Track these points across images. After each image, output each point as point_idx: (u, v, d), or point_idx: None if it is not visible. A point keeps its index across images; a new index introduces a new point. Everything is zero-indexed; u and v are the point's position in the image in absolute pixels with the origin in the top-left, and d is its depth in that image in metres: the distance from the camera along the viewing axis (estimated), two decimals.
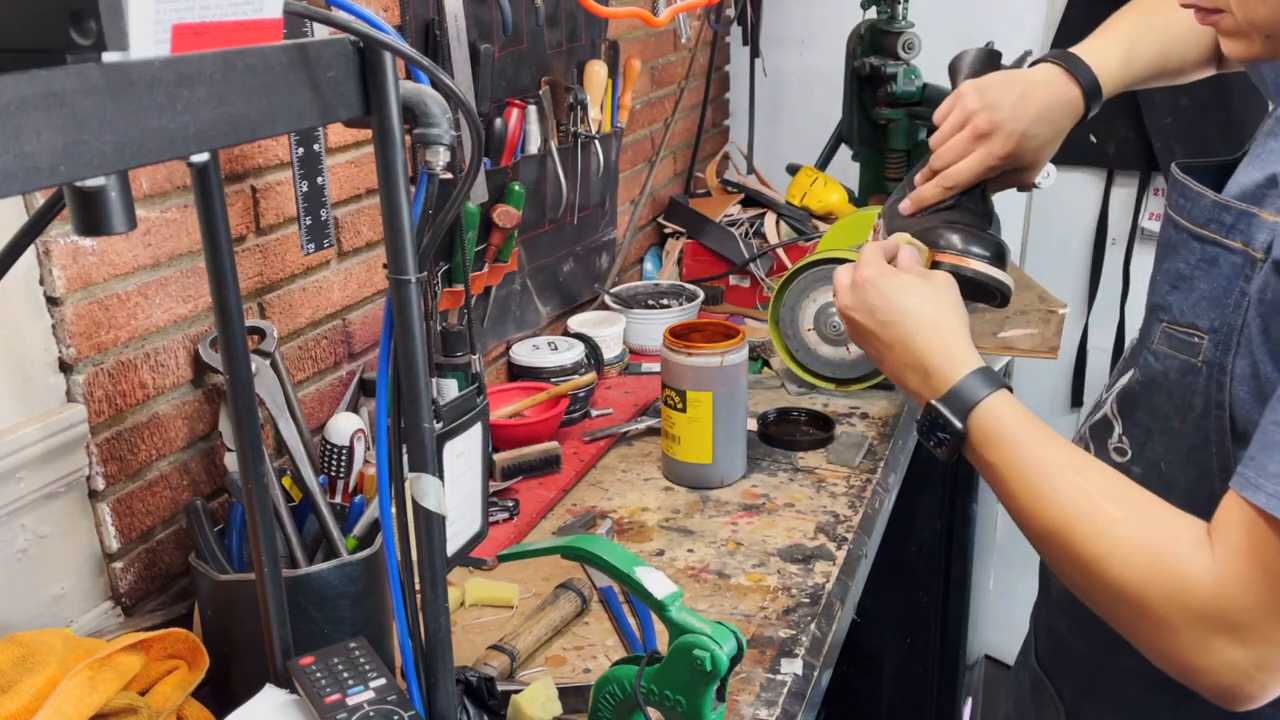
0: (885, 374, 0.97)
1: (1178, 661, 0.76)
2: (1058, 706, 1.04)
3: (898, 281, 0.94)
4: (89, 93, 0.46)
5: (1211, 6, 0.82)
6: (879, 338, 0.93)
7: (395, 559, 0.79)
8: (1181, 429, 0.86)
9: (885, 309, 0.93)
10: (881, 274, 0.94)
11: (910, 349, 0.91)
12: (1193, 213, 0.84)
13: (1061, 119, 1.08)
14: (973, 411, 0.86)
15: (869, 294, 0.94)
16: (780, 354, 1.68)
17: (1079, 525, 0.79)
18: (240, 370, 0.74)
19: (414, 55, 0.65)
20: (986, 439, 0.85)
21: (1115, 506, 0.78)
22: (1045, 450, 0.83)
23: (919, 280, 0.94)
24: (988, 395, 0.86)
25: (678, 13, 1.83)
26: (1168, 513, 0.78)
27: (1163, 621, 0.74)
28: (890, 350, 0.93)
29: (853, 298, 0.95)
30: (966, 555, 1.95)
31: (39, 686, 0.78)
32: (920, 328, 0.91)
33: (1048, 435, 0.84)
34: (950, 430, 0.86)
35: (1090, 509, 0.79)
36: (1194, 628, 0.73)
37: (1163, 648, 0.76)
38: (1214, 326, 0.82)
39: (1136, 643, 0.79)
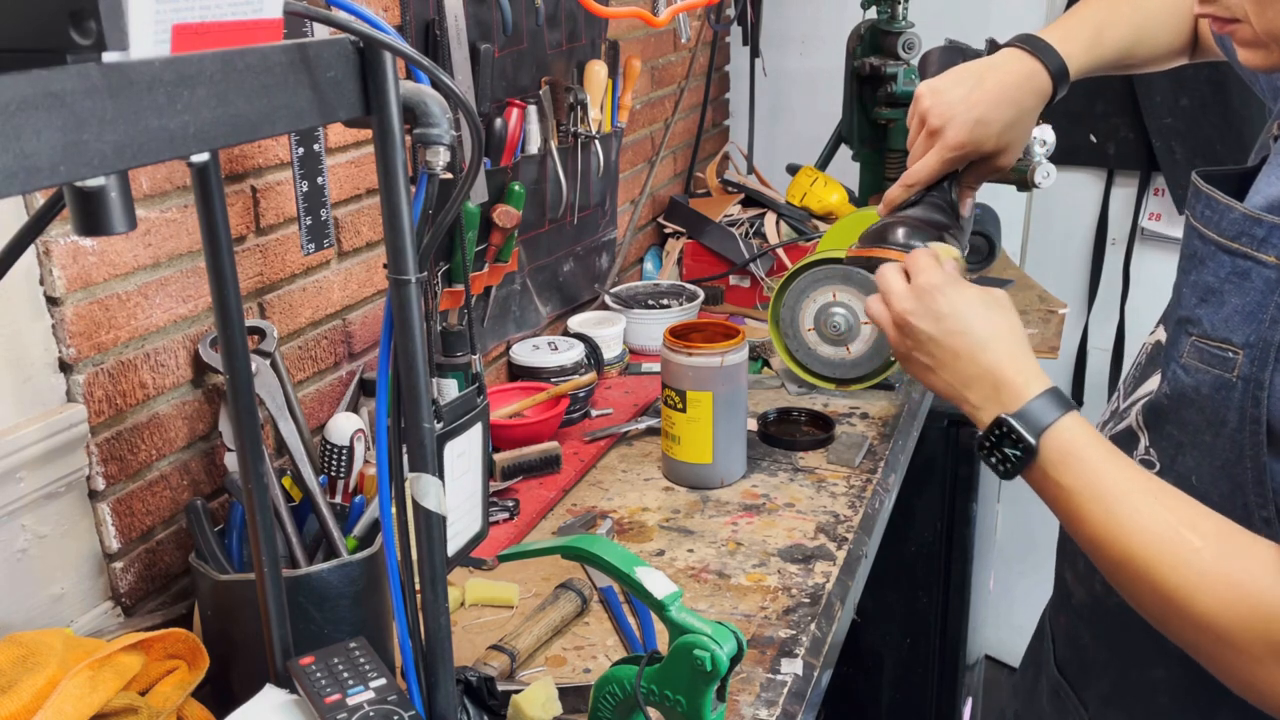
0: (934, 386, 0.92)
1: (1262, 693, 0.75)
2: (1081, 715, 1.04)
3: (968, 293, 0.91)
4: (89, 93, 0.46)
5: (1229, 16, 0.82)
6: (940, 345, 0.90)
7: (395, 559, 0.79)
8: (1215, 443, 0.84)
9: (955, 317, 0.89)
10: (949, 281, 0.91)
11: (979, 361, 0.88)
12: (1221, 225, 0.82)
13: (1024, 98, 1.06)
14: (1047, 430, 0.83)
15: (936, 300, 0.90)
16: (780, 354, 1.68)
17: (1160, 555, 0.77)
18: (240, 370, 0.74)
19: (414, 55, 0.65)
20: (1060, 459, 0.83)
21: (1196, 536, 0.76)
22: (1120, 474, 0.81)
23: (985, 294, 0.91)
24: (1062, 414, 0.84)
25: (678, 13, 1.83)
26: (1249, 540, 0.76)
27: (1246, 653, 0.73)
28: (955, 360, 0.89)
29: (915, 303, 0.91)
30: (966, 555, 1.95)
31: (39, 686, 0.78)
32: (995, 340, 0.88)
33: (1122, 459, 0.82)
34: (1023, 446, 0.83)
35: (1171, 538, 0.77)
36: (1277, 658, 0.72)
37: (1246, 679, 0.75)
38: (1249, 342, 0.80)
39: (1217, 672, 0.78)
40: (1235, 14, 0.81)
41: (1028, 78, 1.06)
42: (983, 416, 0.87)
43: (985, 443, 0.86)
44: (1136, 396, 0.98)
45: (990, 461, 0.86)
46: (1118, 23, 1.10)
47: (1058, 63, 1.06)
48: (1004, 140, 1.06)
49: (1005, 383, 0.86)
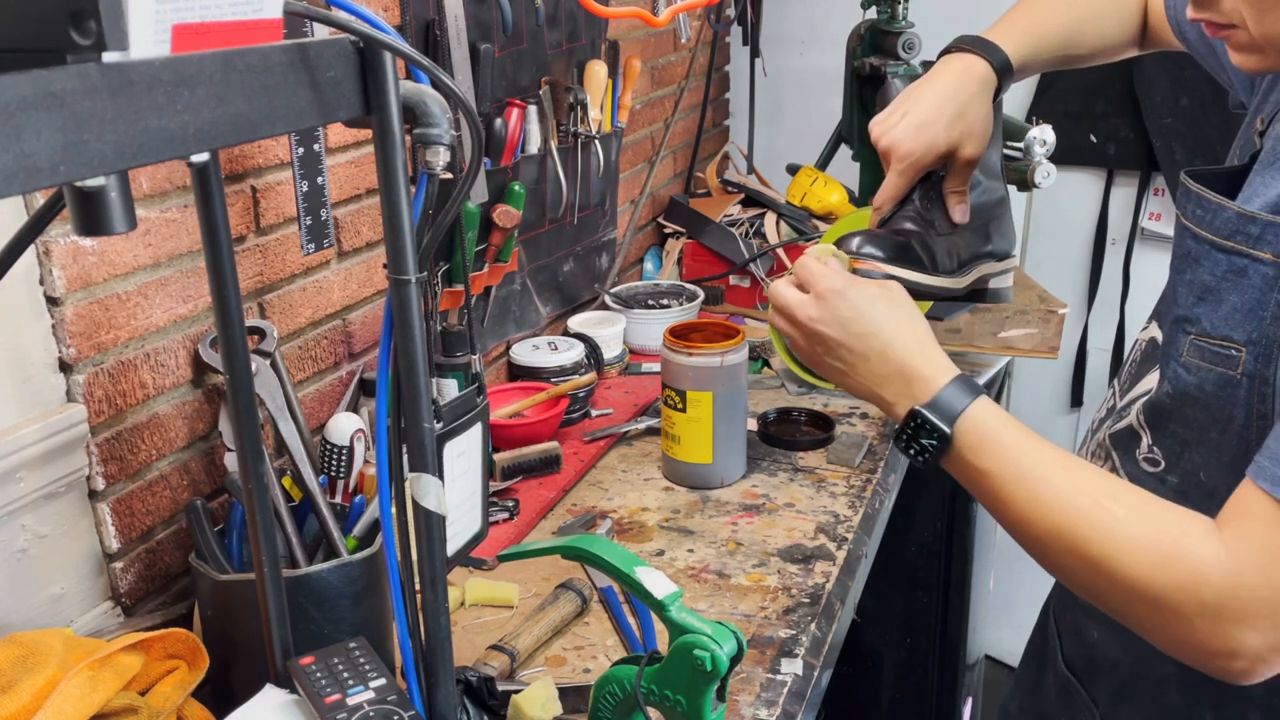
0: (849, 387, 0.94)
1: (1193, 650, 0.77)
2: (1091, 711, 1.04)
3: (868, 292, 0.92)
4: (89, 93, 0.46)
5: (1224, 22, 0.82)
6: (850, 350, 0.91)
7: (395, 559, 0.79)
8: (1221, 440, 0.85)
9: (859, 320, 0.91)
10: (848, 284, 0.92)
11: (889, 359, 0.90)
12: (1214, 224, 0.83)
13: (962, 89, 1.08)
14: (960, 416, 0.85)
15: (839, 306, 0.91)
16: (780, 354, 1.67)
17: (1085, 526, 0.79)
18: (240, 370, 0.74)
19: (414, 55, 0.65)
20: (977, 444, 0.85)
21: (1118, 505, 0.78)
22: (1038, 453, 0.83)
23: (882, 290, 0.93)
24: (973, 400, 0.86)
25: (678, 13, 1.83)
26: (1168, 508, 0.78)
27: (1177, 613, 0.75)
28: (865, 362, 0.91)
29: (819, 310, 0.92)
30: (966, 555, 1.95)
31: (39, 686, 0.78)
32: (899, 336, 0.90)
33: (1035, 439, 0.84)
34: (938, 435, 0.85)
35: (1094, 509, 0.79)
36: (1208, 617, 0.74)
37: (1177, 638, 0.77)
38: (1252, 339, 0.81)
39: (1148, 635, 0.80)
40: (1231, 19, 0.81)
41: (963, 71, 1.08)
42: (898, 411, 0.89)
43: (903, 435, 0.88)
44: (1134, 395, 0.98)
45: (909, 453, 0.88)
46: (1053, 13, 1.14)
47: (992, 50, 1.08)
48: (956, 133, 1.07)
49: (916, 375, 0.88)
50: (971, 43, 1.10)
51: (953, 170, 1.10)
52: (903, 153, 1.07)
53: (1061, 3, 1.15)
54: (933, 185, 1.11)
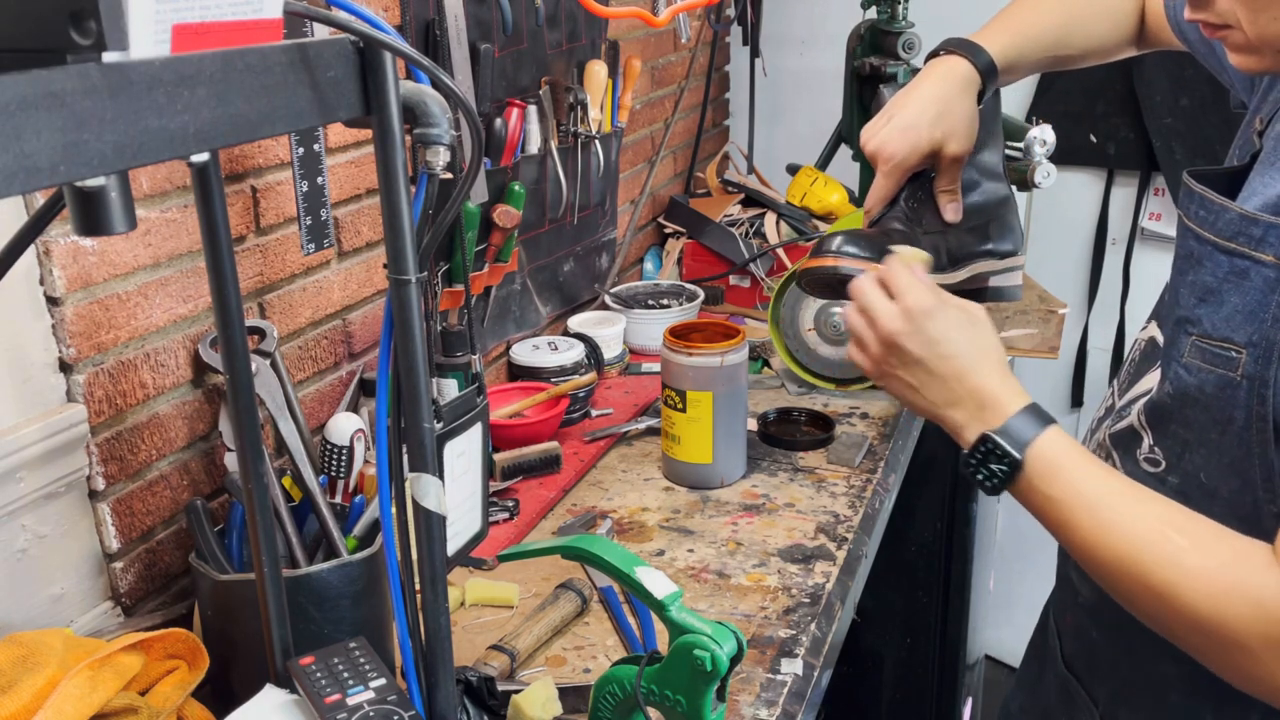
0: (917, 402, 0.94)
1: (1259, 683, 0.76)
2: (1091, 711, 1.04)
3: (954, 314, 0.93)
4: (89, 93, 0.46)
5: (1220, 22, 0.82)
6: (928, 369, 0.92)
7: (395, 559, 0.79)
8: (1222, 441, 0.86)
9: (945, 342, 0.91)
10: (939, 304, 0.93)
11: (965, 382, 0.90)
12: (1217, 225, 0.83)
13: (946, 89, 1.09)
14: (1031, 444, 0.85)
15: (927, 325, 0.91)
16: (780, 354, 1.68)
17: (1148, 554, 0.79)
18: (240, 370, 0.74)
19: (414, 55, 0.65)
20: (1046, 471, 0.85)
21: (1181, 535, 0.78)
22: (1105, 482, 0.83)
23: (967, 314, 0.94)
24: (1044, 429, 0.86)
25: (678, 13, 1.83)
26: (1233, 537, 0.78)
27: (1239, 646, 0.75)
28: (941, 383, 0.91)
29: (905, 324, 0.92)
30: (966, 555, 1.95)
31: (39, 686, 0.78)
32: (980, 363, 0.90)
33: (1105, 469, 0.85)
34: (1009, 461, 0.86)
35: (1158, 538, 0.79)
36: (1271, 650, 0.74)
37: (1242, 670, 0.77)
38: (1252, 340, 0.81)
39: (1213, 666, 0.79)
40: (1227, 20, 0.81)
41: (946, 73, 1.10)
42: (967, 435, 0.89)
43: (971, 460, 0.88)
44: (1135, 395, 0.98)
45: (977, 478, 0.88)
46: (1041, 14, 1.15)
47: (976, 50, 1.10)
48: (939, 132, 1.08)
49: (989, 402, 0.88)
50: (956, 45, 1.11)
51: (941, 169, 1.11)
52: (887, 155, 1.09)
53: (1052, 3, 1.16)
54: (921, 185, 1.13)
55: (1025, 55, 1.13)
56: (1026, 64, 1.14)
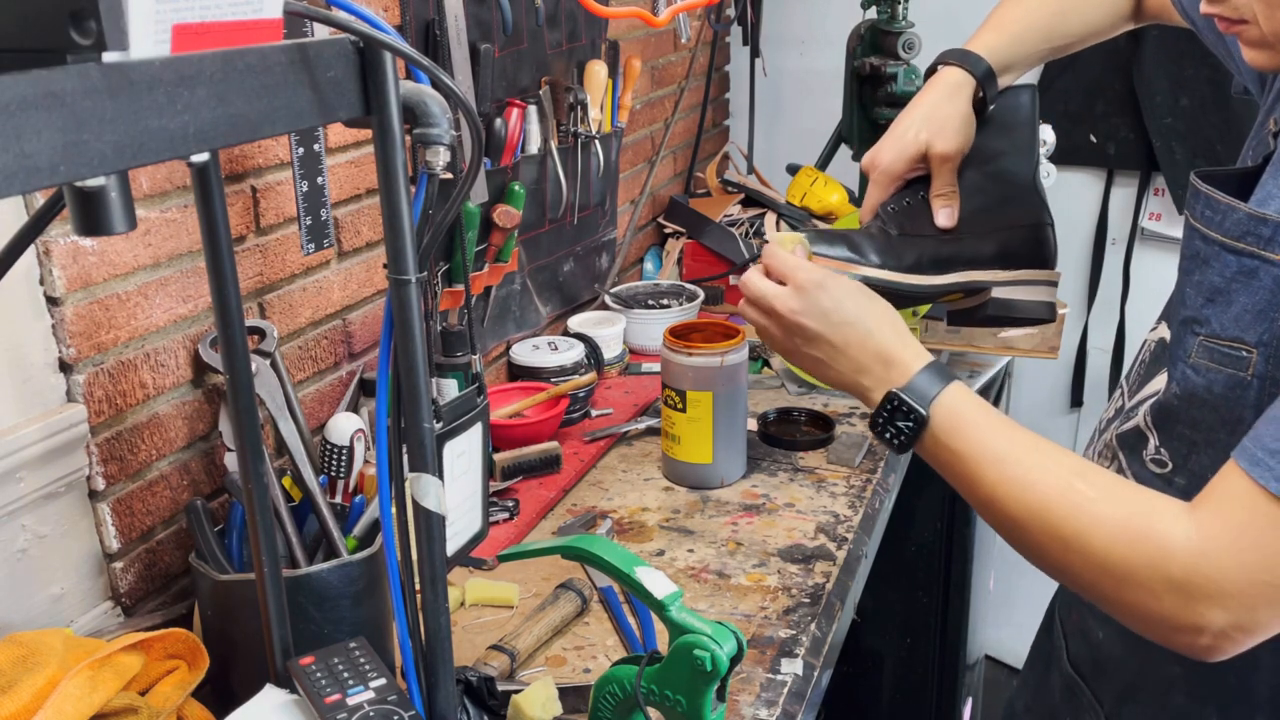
0: (826, 377, 0.96)
1: (1159, 626, 0.78)
2: (1096, 711, 1.04)
3: (844, 284, 0.95)
4: (89, 93, 0.46)
5: (1236, 17, 0.82)
6: (830, 341, 0.94)
7: (395, 559, 0.79)
8: (1230, 442, 0.85)
9: (839, 310, 0.93)
10: (826, 275, 0.95)
11: (868, 347, 0.92)
12: (1225, 225, 0.83)
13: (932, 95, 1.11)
14: (936, 398, 0.88)
15: (819, 297, 0.94)
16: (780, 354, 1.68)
17: (1055, 505, 0.81)
18: (240, 370, 0.74)
19: (414, 55, 0.65)
20: (950, 425, 0.87)
21: (1088, 485, 0.81)
22: (1010, 436, 0.85)
23: (850, 282, 0.97)
24: (947, 384, 0.89)
25: (678, 13, 1.83)
26: (1138, 489, 0.81)
27: (1145, 589, 0.77)
28: (845, 350, 0.94)
29: (800, 301, 0.94)
30: (966, 555, 1.95)
31: (39, 686, 0.78)
32: (879, 326, 0.93)
33: (1008, 423, 0.87)
34: (914, 417, 0.88)
35: (1064, 489, 0.81)
36: (1175, 594, 0.76)
37: (1144, 614, 0.79)
38: (1263, 340, 0.81)
39: (1116, 612, 0.81)
40: (1243, 15, 0.81)
41: (936, 81, 1.12)
42: (874, 396, 0.92)
43: (879, 419, 0.91)
44: (1143, 396, 0.98)
45: (885, 437, 0.90)
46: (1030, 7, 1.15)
47: (967, 56, 1.11)
48: (924, 134, 1.09)
49: (894, 361, 0.91)
50: (950, 55, 1.12)
51: (932, 172, 1.11)
52: (875, 163, 1.11)
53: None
54: (911, 192, 1.13)
55: (1020, 51, 1.13)
56: (1024, 59, 1.14)
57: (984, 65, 1.10)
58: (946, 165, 1.10)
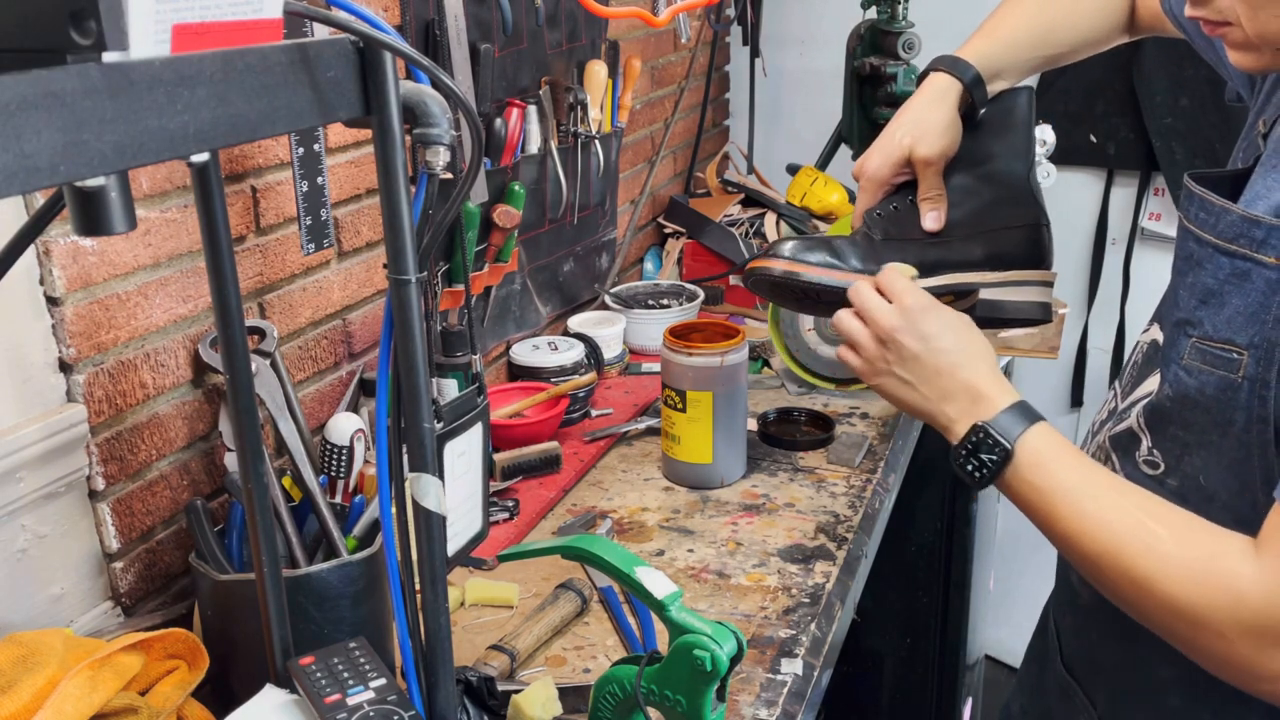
0: (907, 400, 0.97)
1: (1234, 671, 0.78)
2: (1090, 713, 1.04)
3: (947, 314, 0.97)
4: (89, 93, 0.46)
5: (1220, 20, 0.83)
6: (924, 364, 0.95)
7: (395, 559, 0.79)
8: (1222, 443, 0.86)
9: (939, 336, 0.95)
10: (933, 304, 0.97)
11: (958, 377, 0.94)
12: (1218, 227, 0.83)
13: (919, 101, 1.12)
14: (1022, 435, 0.88)
15: (923, 321, 0.96)
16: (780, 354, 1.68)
17: (1128, 544, 0.81)
18: (240, 370, 0.74)
19: (414, 55, 0.65)
20: (1034, 462, 0.88)
21: (1160, 525, 0.81)
22: (1089, 475, 0.86)
23: (959, 316, 0.98)
24: (1033, 423, 0.89)
25: (678, 13, 1.83)
26: (1210, 528, 0.80)
27: (1217, 633, 0.76)
28: (935, 377, 0.95)
29: (904, 320, 0.96)
30: (966, 555, 1.95)
31: (39, 686, 0.78)
32: (974, 358, 0.94)
33: (1089, 462, 0.87)
34: (999, 451, 0.89)
35: (1137, 528, 0.81)
36: (1248, 638, 0.75)
37: (1219, 658, 0.78)
38: (1254, 342, 0.82)
39: (1193, 655, 0.81)
40: (1227, 17, 0.81)
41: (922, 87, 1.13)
42: (959, 428, 0.93)
43: (962, 451, 0.92)
44: (1136, 397, 0.98)
45: (966, 469, 0.91)
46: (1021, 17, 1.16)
47: (956, 63, 1.11)
48: (908, 139, 1.10)
49: (982, 396, 0.92)
50: (939, 62, 1.13)
51: (918, 176, 1.12)
52: (862, 170, 1.13)
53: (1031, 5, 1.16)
54: (899, 197, 1.13)
55: (1011, 58, 1.14)
56: (1014, 66, 1.14)
57: (972, 72, 1.10)
58: (930, 169, 1.10)
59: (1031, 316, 1.13)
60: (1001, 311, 1.12)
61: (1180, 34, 1.11)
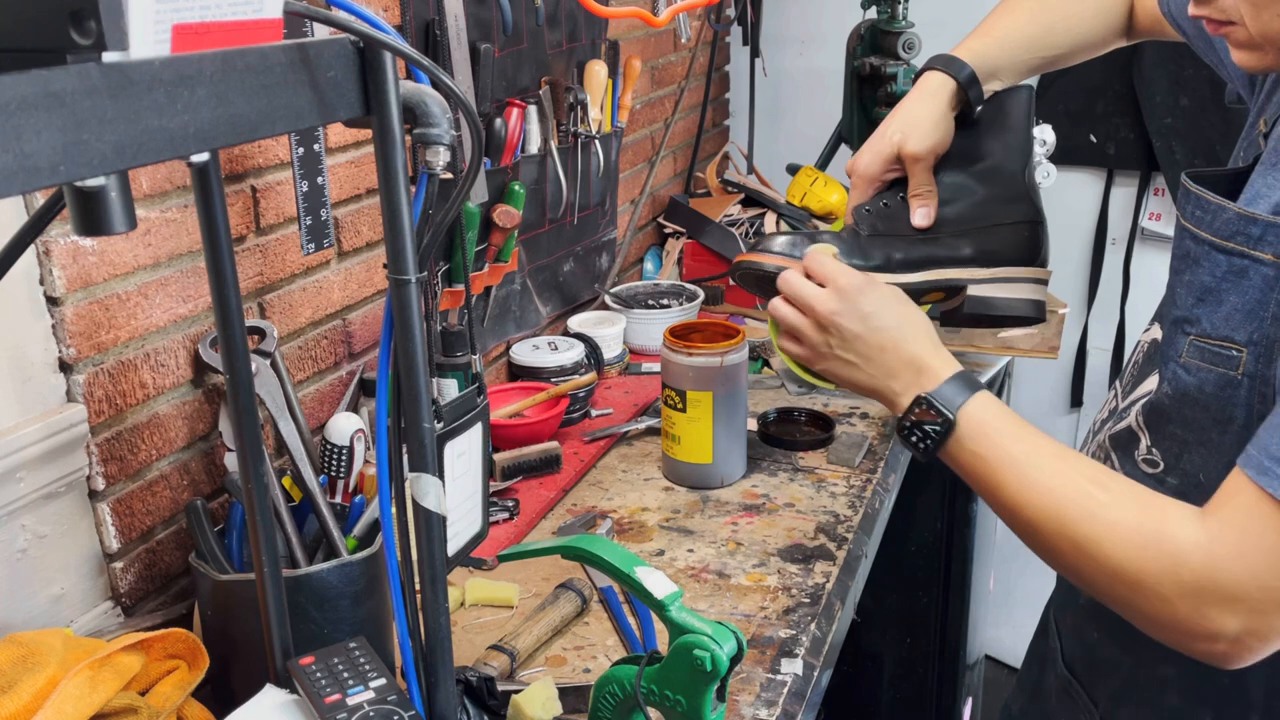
0: (854, 380, 0.98)
1: (1173, 631, 0.79)
2: (1091, 712, 1.05)
3: (884, 290, 0.97)
4: (89, 93, 0.46)
5: (1223, 19, 0.83)
6: (866, 343, 0.96)
7: (395, 559, 0.79)
8: (1222, 441, 0.87)
9: (879, 315, 0.95)
10: (867, 282, 0.97)
11: (902, 352, 0.94)
12: (1214, 225, 0.84)
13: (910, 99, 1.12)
14: (964, 405, 0.89)
15: (860, 301, 0.96)
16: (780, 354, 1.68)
17: (1070, 511, 0.82)
18: (240, 370, 0.74)
19: (414, 55, 0.65)
20: (976, 431, 0.89)
21: (1103, 491, 0.82)
22: (1033, 443, 0.87)
23: (894, 292, 0.99)
24: (975, 392, 0.90)
25: (678, 13, 1.83)
26: (1152, 496, 0.81)
27: (1157, 594, 0.78)
28: (879, 354, 0.95)
29: (840, 303, 0.97)
30: (966, 555, 1.95)
31: (39, 686, 0.78)
32: (914, 333, 0.95)
33: (1032, 431, 0.88)
34: (941, 421, 0.89)
35: (1079, 495, 0.82)
36: (1188, 599, 0.76)
37: (1158, 619, 0.79)
38: (1252, 339, 0.82)
39: (1132, 618, 0.82)
40: (1230, 16, 0.82)
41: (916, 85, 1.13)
42: (903, 400, 0.94)
43: (906, 422, 0.92)
44: (1135, 396, 0.98)
45: (911, 440, 0.92)
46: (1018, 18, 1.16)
47: (951, 62, 1.11)
48: (897, 135, 1.10)
49: (925, 368, 0.93)
50: (934, 61, 1.13)
51: (907, 173, 1.12)
52: (854, 168, 1.14)
53: (1029, 6, 1.17)
54: (891, 194, 1.13)
55: (1006, 57, 1.14)
56: (1010, 66, 1.15)
57: (967, 70, 1.10)
58: (919, 165, 1.10)
59: (1024, 314, 1.13)
60: (992, 309, 1.12)
61: (1179, 37, 1.11)
